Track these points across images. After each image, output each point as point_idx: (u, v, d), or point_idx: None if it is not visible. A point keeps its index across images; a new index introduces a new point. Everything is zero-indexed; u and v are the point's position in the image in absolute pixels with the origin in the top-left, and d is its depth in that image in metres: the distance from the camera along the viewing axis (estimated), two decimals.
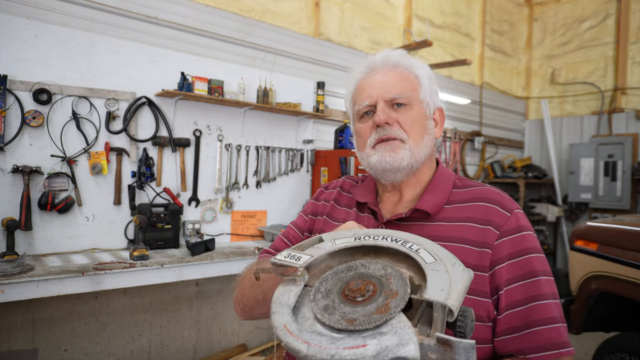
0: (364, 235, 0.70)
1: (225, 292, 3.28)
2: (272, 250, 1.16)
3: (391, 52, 1.04)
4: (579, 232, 2.83)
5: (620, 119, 5.49)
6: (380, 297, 0.55)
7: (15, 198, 2.36)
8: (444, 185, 1.01)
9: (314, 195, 1.23)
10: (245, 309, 1.02)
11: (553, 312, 0.85)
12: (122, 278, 2.22)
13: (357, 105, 1.03)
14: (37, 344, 2.48)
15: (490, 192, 0.97)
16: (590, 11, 5.86)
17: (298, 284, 0.61)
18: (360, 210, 1.08)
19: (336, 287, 0.59)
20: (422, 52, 4.84)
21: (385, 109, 0.98)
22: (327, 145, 3.81)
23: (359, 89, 1.04)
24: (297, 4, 3.75)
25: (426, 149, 1.00)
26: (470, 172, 5.50)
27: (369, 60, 1.05)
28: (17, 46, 2.36)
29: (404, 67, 1.02)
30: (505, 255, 0.88)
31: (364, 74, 1.04)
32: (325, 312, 0.54)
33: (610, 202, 5.31)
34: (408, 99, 0.98)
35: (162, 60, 2.87)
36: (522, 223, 0.92)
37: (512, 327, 0.85)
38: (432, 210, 0.95)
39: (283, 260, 0.64)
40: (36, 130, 2.42)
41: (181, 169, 2.98)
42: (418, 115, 0.99)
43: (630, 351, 2.38)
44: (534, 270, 0.87)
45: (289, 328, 0.53)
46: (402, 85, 0.99)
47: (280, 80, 3.46)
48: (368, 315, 0.52)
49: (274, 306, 0.58)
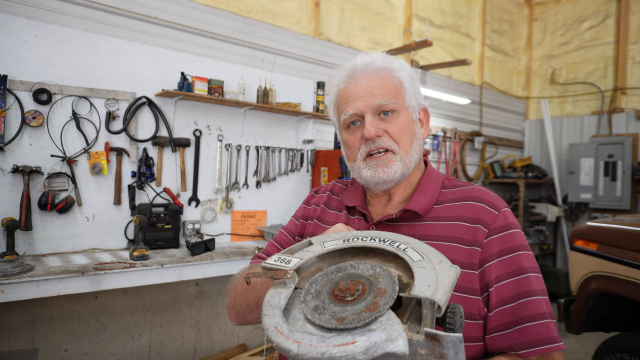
0: (352, 237, 0.71)
1: (225, 292, 3.26)
2: (264, 255, 1.16)
3: (371, 55, 1.01)
4: (579, 232, 2.83)
5: (620, 119, 5.49)
6: (369, 295, 0.56)
7: (15, 198, 2.36)
8: (433, 186, 1.02)
9: (305, 199, 1.23)
10: (239, 315, 1.02)
11: (542, 308, 0.86)
12: (122, 278, 2.22)
13: (342, 114, 1.00)
14: (37, 344, 2.48)
15: (479, 191, 0.98)
16: (590, 11, 5.86)
17: (288, 287, 0.62)
18: (350, 213, 1.09)
19: (326, 288, 0.60)
20: (422, 52, 4.84)
21: (373, 121, 0.96)
22: (327, 145, 3.81)
23: (343, 97, 1.00)
24: (297, 4, 3.75)
25: (416, 155, 1.01)
26: (470, 172, 5.50)
27: (349, 65, 1.01)
28: (17, 46, 2.36)
29: (387, 72, 0.99)
30: (495, 252, 0.89)
31: (345, 81, 1.00)
32: (316, 313, 0.55)
33: (610, 202, 5.31)
34: (394, 105, 0.97)
35: (162, 60, 2.87)
36: (510, 221, 0.93)
37: (503, 323, 0.86)
38: (422, 210, 0.96)
39: (273, 264, 0.65)
40: (36, 130, 2.42)
41: (181, 169, 2.98)
42: (405, 122, 0.99)
43: (630, 351, 2.38)
44: (523, 267, 0.88)
45: (279, 329, 0.54)
46: (386, 91, 0.97)
47: (280, 80, 3.46)
48: (357, 314, 0.53)
49: (264, 309, 0.58)
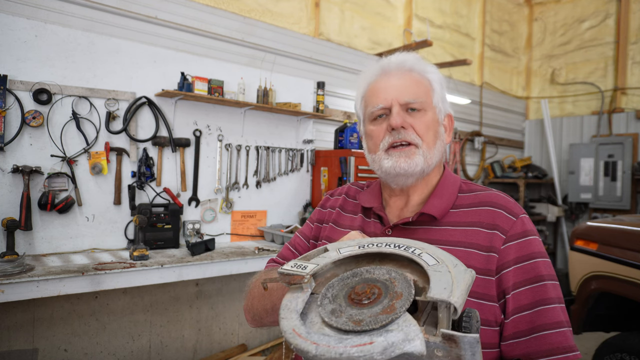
0: (367, 244, 0.72)
1: (225, 292, 3.28)
2: (280, 259, 1.17)
3: (406, 55, 1.03)
4: (579, 232, 2.83)
5: (620, 119, 5.49)
6: (385, 299, 0.56)
7: (15, 198, 2.36)
8: (450, 190, 1.01)
9: (320, 202, 1.23)
10: (255, 318, 1.04)
11: (559, 317, 0.85)
12: (122, 278, 2.22)
13: (370, 107, 1.02)
14: (37, 344, 2.48)
15: (497, 196, 0.97)
16: (590, 11, 5.86)
17: (305, 291, 0.63)
18: (367, 216, 1.08)
19: (342, 292, 0.61)
20: (422, 52, 4.84)
21: (400, 113, 0.97)
22: (327, 145, 3.81)
23: (372, 90, 1.03)
24: (297, 4, 3.75)
25: (438, 154, 1.01)
26: (470, 172, 5.50)
27: (383, 62, 1.03)
28: (17, 46, 2.36)
29: (418, 72, 1.01)
30: (512, 259, 0.88)
31: (378, 76, 1.03)
32: (333, 316, 0.56)
33: (610, 202, 5.31)
34: (422, 104, 0.99)
35: (162, 60, 2.87)
36: (528, 228, 0.92)
37: (519, 331, 0.85)
38: (439, 214, 0.96)
39: (290, 269, 0.66)
40: (36, 130, 2.42)
41: (181, 169, 2.98)
42: (431, 121, 1.00)
43: (630, 351, 2.38)
44: (541, 275, 0.87)
45: (297, 331, 0.54)
46: (417, 90, 0.99)
47: (280, 80, 3.46)
48: (374, 316, 0.53)
49: (282, 312, 0.59)
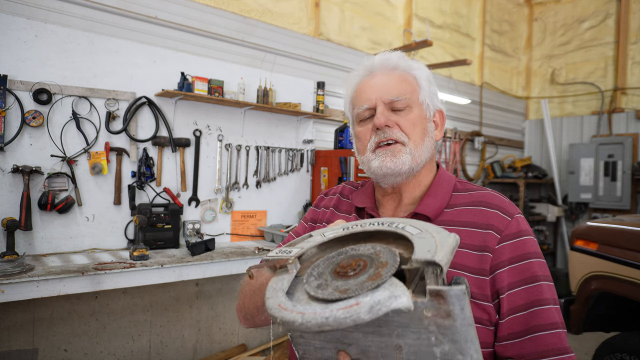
0: (352, 225, 0.72)
1: (225, 292, 3.28)
2: None
3: (390, 54, 1.02)
4: (579, 232, 2.83)
5: (620, 119, 5.49)
6: (371, 268, 0.56)
7: (15, 198, 2.36)
8: (445, 189, 1.00)
9: (314, 202, 1.23)
10: (247, 317, 1.02)
11: (554, 318, 0.85)
12: (122, 278, 2.22)
13: (356, 108, 1.02)
14: (37, 344, 2.48)
15: (491, 196, 0.97)
16: (590, 11, 5.86)
17: (290, 272, 0.63)
18: (360, 216, 1.08)
19: (328, 269, 0.60)
20: (422, 52, 4.84)
21: (384, 112, 0.97)
22: (327, 145, 3.81)
23: (358, 92, 1.02)
24: (297, 4, 3.75)
25: (427, 151, 0.99)
26: (470, 172, 5.50)
27: (367, 62, 1.03)
28: (17, 46, 2.36)
29: (403, 69, 1.01)
30: (506, 259, 0.88)
31: (363, 77, 1.02)
32: (319, 289, 0.56)
33: (610, 202, 5.31)
34: (408, 101, 0.98)
35: (162, 60, 2.87)
36: (523, 228, 0.91)
37: (514, 332, 0.85)
38: (432, 214, 0.95)
39: (274, 255, 0.66)
40: (36, 130, 2.42)
41: (181, 169, 2.98)
42: (418, 118, 0.99)
43: (630, 351, 2.38)
44: (536, 275, 0.87)
45: (283, 305, 0.54)
46: (401, 87, 0.98)
47: (280, 80, 3.46)
48: (360, 284, 0.53)
49: (268, 292, 0.59)
